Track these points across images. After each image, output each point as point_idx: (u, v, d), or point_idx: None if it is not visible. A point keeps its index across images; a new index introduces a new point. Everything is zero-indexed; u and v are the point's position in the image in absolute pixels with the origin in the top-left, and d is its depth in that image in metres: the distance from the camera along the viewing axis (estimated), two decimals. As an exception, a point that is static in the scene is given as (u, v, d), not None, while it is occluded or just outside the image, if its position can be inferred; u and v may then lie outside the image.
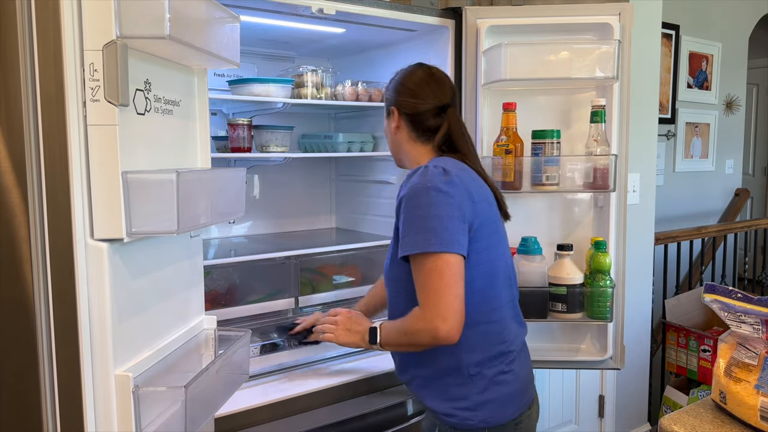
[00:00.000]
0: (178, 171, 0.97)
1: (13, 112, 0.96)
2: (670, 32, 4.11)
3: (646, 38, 2.53)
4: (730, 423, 1.18)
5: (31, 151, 0.96)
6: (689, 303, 2.93)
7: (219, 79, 2.06)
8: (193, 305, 1.28)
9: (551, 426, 2.50)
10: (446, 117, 1.42)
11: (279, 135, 1.97)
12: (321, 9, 1.68)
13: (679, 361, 2.80)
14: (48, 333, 0.98)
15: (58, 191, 0.96)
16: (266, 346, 1.89)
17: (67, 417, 0.99)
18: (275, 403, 1.65)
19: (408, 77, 1.44)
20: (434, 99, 1.42)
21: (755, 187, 5.78)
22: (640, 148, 2.54)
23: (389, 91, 1.47)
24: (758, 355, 1.15)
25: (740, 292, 1.18)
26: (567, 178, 1.82)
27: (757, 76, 5.76)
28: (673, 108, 4.26)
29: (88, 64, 0.95)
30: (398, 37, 2.07)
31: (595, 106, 1.80)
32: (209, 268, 1.80)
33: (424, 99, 1.41)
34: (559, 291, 1.80)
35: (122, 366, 1.01)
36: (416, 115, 1.42)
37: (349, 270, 2.18)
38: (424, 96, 1.41)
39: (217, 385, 1.18)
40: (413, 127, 1.43)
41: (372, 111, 2.31)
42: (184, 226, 1.00)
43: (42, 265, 0.97)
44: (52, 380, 0.99)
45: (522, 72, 1.79)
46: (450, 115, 1.43)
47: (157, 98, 1.09)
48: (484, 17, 1.88)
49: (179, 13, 0.98)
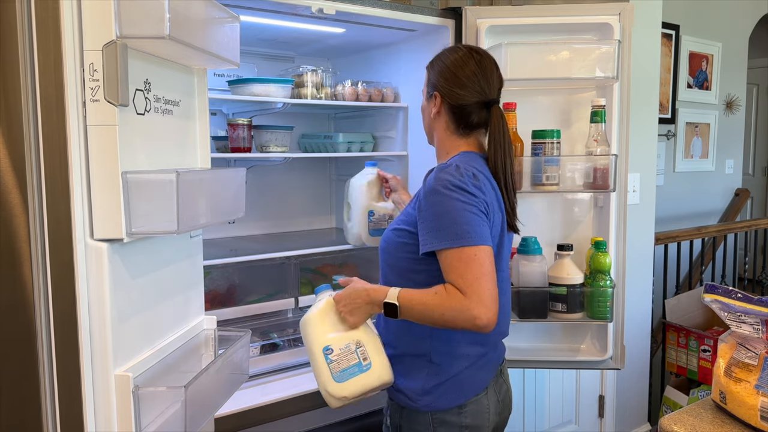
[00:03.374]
0: (178, 171, 0.97)
1: (13, 113, 0.96)
2: (670, 32, 4.11)
3: (646, 38, 2.53)
4: (730, 423, 1.18)
5: (31, 152, 0.96)
6: (689, 303, 2.93)
7: (219, 79, 2.06)
8: (192, 305, 1.28)
9: (551, 426, 2.50)
10: (490, 115, 1.37)
11: (279, 135, 1.97)
12: (321, 9, 1.68)
13: (679, 361, 2.80)
14: (48, 333, 0.98)
15: (58, 191, 0.96)
16: (266, 346, 1.89)
17: (67, 417, 0.99)
18: (275, 403, 1.65)
19: (459, 66, 1.36)
20: (481, 94, 1.36)
21: (755, 187, 5.78)
22: (640, 148, 2.54)
23: (434, 72, 1.39)
24: (758, 355, 1.15)
25: (740, 292, 1.18)
26: (567, 178, 1.82)
27: (757, 76, 5.76)
28: (673, 108, 4.26)
29: (88, 64, 0.95)
30: (398, 37, 2.07)
31: (595, 106, 1.80)
32: (209, 268, 1.80)
33: (471, 93, 1.35)
34: (559, 291, 1.80)
35: (122, 366, 1.01)
36: (460, 108, 1.37)
37: (348, 270, 2.18)
38: (472, 90, 1.36)
39: (217, 385, 1.18)
40: (453, 118, 1.38)
41: (372, 111, 2.31)
42: (184, 226, 1.00)
43: (42, 265, 0.97)
44: (52, 380, 0.99)
45: (522, 72, 1.79)
46: (494, 114, 1.37)
47: (157, 98, 1.09)
48: (484, 17, 1.88)
49: (179, 13, 0.98)
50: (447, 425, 1.33)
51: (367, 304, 1.33)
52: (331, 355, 1.31)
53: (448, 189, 1.23)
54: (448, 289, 1.21)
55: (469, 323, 1.19)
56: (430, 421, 1.33)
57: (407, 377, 1.36)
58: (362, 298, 1.33)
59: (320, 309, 1.37)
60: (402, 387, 1.36)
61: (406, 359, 1.37)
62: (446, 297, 1.21)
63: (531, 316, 1.84)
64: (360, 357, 1.31)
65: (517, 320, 1.87)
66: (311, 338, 1.34)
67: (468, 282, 1.19)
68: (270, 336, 1.92)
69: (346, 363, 1.30)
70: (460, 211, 1.22)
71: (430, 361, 1.34)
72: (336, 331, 1.34)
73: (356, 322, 1.35)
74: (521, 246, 1.81)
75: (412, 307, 1.25)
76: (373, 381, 1.32)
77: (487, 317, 1.18)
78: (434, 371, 1.34)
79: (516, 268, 1.81)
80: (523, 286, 1.81)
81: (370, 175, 1.97)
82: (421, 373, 1.34)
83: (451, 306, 1.20)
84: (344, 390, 1.30)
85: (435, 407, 1.33)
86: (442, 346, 1.34)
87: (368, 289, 1.33)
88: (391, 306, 1.27)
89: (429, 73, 1.43)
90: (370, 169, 1.99)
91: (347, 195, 2.04)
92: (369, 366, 1.31)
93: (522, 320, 1.87)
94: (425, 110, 1.46)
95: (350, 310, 1.34)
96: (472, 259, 1.20)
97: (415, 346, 1.36)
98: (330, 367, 1.30)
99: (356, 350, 1.32)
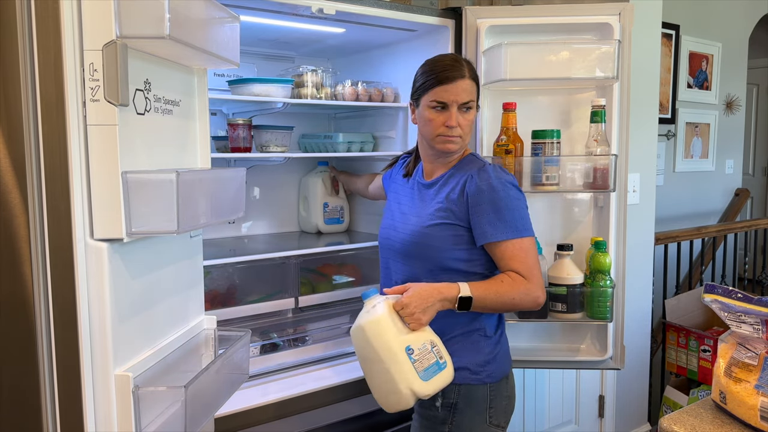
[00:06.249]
0: (178, 171, 0.97)
1: (13, 113, 0.96)
2: (670, 32, 4.11)
3: (646, 38, 2.53)
4: (730, 423, 1.18)
5: (31, 151, 0.96)
6: (689, 303, 2.92)
7: (219, 79, 2.06)
8: (192, 305, 1.28)
9: (551, 426, 2.50)
10: None
11: (279, 135, 1.97)
12: (321, 9, 1.68)
13: (679, 361, 2.80)
14: (48, 333, 0.98)
15: (58, 191, 0.96)
16: (266, 346, 1.89)
17: (67, 417, 0.99)
18: (275, 403, 1.65)
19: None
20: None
21: (755, 187, 5.78)
22: (640, 148, 2.54)
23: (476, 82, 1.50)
24: (758, 355, 1.15)
25: (740, 292, 1.18)
26: (567, 178, 1.82)
27: (757, 76, 5.75)
28: (673, 108, 4.26)
29: (88, 64, 0.95)
30: (398, 37, 2.07)
31: (595, 106, 1.80)
32: (209, 268, 1.80)
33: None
34: (559, 291, 1.80)
35: (122, 366, 1.01)
36: None
37: (349, 270, 2.18)
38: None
39: (217, 385, 1.18)
40: None
41: (372, 111, 2.30)
42: (184, 226, 1.00)
43: (42, 265, 0.97)
44: (52, 380, 0.99)
45: (522, 72, 1.79)
46: None
47: (157, 98, 1.09)
48: (484, 17, 1.88)
49: (179, 13, 0.98)
50: (499, 397, 1.49)
51: (440, 302, 1.38)
52: (413, 354, 1.35)
53: (506, 187, 1.42)
54: (512, 276, 1.40)
55: (534, 303, 1.40)
56: (488, 394, 1.47)
57: (467, 353, 1.47)
58: (435, 297, 1.38)
59: (385, 312, 1.37)
60: (465, 363, 1.46)
61: (459, 339, 1.48)
62: (514, 283, 1.39)
63: (531, 316, 1.84)
64: (437, 356, 1.38)
65: (517, 320, 1.87)
66: (386, 338, 1.35)
67: (529, 267, 1.40)
68: (270, 336, 1.92)
69: (428, 362, 1.37)
70: (518, 207, 1.43)
71: (485, 334, 1.50)
72: (407, 333, 1.37)
73: (428, 321, 1.39)
74: (521, 246, 1.81)
75: (486, 297, 1.38)
76: (449, 377, 1.40)
77: (543, 297, 1.42)
78: (490, 342, 1.50)
79: (516, 268, 1.81)
80: (523, 286, 1.81)
81: (323, 173, 2.33)
82: (479, 345, 1.48)
83: (520, 290, 1.39)
84: (429, 387, 1.36)
85: (494, 377, 1.48)
86: (491, 319, 1.51)
87: (439, 288, 1.40)
88: (466, 300, 1.37)
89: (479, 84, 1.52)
90: (323, 167, 2.35)
91: (304, 190, 2.37)
92: (445, 364, 1.39)
93: (522, 320, 1.87)
94: (473, 121, 1.52)
95: (423, 309, 1.37)
96: (529, 250, 1.42)
97: (469, 325, 1.48)
98: (414, 366, 1.35)
99: (432, 349, 1.38)
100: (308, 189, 2.33)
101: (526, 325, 1.98)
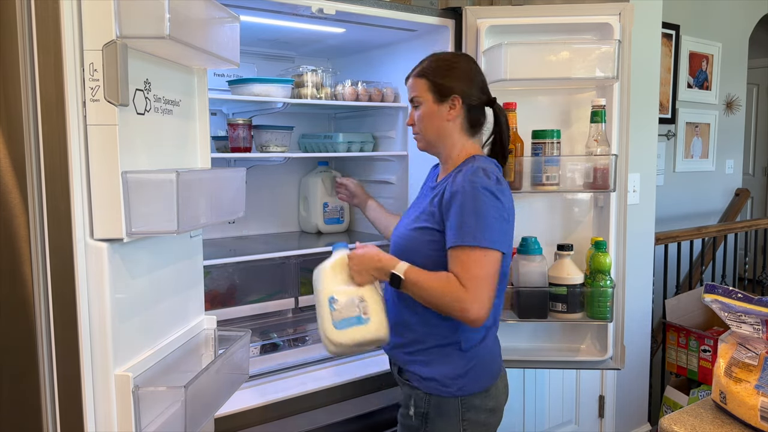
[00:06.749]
0: (178, 171, 0.97)
1: (13, 113, 0.96)
2: (670, 32, 4.11)
3: (646, 38, 2.53)
4: (731, 423, 1.18)
5: (31, 151, 0.96)
6: (689, 303, 2.92)
7: (219, 79, 2.06)
8: (192, 305, 1.28)
9: (551, 426, 2.50)
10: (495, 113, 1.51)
11: (279, 135, 1.97)
12: (321, 9, 1.68)
13: (679, 361, 2.80)
14: (48, 333, 0.98)
15: (58, 191, 0.96)
16: (266, 346, 1.89)
17: (67, 417, 0.99)
18: (275, 403, 1.65)
19: (473, 68, 1.48)
20: (487, 95, 1.50)
21: (755, 187, 5.78)
22: (640, 148, 2.54)
23: (448, 78, 1.44)
24: (758, 355, 1.15)
25: (740, 292, 1.18)
26: (567, 178, 1.82)
27: (757, 76, 5.75)
28: (673, 108, 4.26)
29: (88, 64, 0.95)
30: (398, 37, 2.07)
31: (595, 106, 1.80)
32: (209, 268, 1.80)
33: (484, 93, 1.49)
34: (560, 291, 1.80)
35: (122, 366, 1.01)
36: (475, 108, 1.47)
37: (349, 270, 2.18)
38: (485, 90, 1.49)
39: (217, 385, 1.18)
40: (469, 119, 1.47)
41: (372, 111, 2.31)
42: (184, 226, 1.00)
43: (42, 265, 0.97)
44: (52, 380, 0.99)
45: (522, 72, 1.79)
46: (499, 112, 1.51)
47: (157, 98, 1.09)
48: (484, 17, 1.88)
49: (179, 13, 0.98)
50: (474, 409, 1.42)
51: (376, 269, 1.41)
52: (335, 304, 1.40)
53: (478, 192, 1.33)
54: (450, 278, 1.32)
55: (461, 314, 1.31)
56: (459, 407, 1.41)
57: (439, 364, 1.43)
58: (373, 262, 1.41)
59: (333, 263, 1.45)
60: (434, 374, 1.43)
61: (435, 350, 1.44)
62: (447, 285, 1.32)
63: (531, 316, 1.84)
64: (360, 311, 1.40)
65: (516, 320, 1.87)
66: (320, 287, 1.43)
67: (470, 277, 1.30)
68: (270, 336, 1.92)
69: (347, 314, 1.39)
70: (486, 215, 1.33)
71: (460, 348, 1.43)
72: (344, 285, 1.43)
73: (362, 282, 1.43)
74: (521, 246, 1.81)
75: (415, 284, 1.35)
76: (368, 334, 1.40)
77: (476, 315, 1.30)
78: (465, 356, 1.43)
79: (516, 268, 1.81)
80: (523, 286, 1.81)
81: (323, 173, 2.33)
82: (451, 358, 1.43)
83: (450, 295, 1.31)
84: (341, 337, 1.39)
85: (466, 391, 1.42)
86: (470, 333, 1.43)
87: (381, 257, 1.42)
88: (396, 278, 1.37)
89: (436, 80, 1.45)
90: (323, 167, 2.36)
91: (304, 190, 2.38)
92: (368, 320, 1.40)
93: (522, 320, 1.86)
94: (436, 117, 1.46)
95: (359, 270, 1.42)
96: (480, 261, 1.31)
97: (445, 338, 1.44)
98: (332, 315, 1.39)
99: (359, 304, 1.40)
100: (308, 189, 2.34)
101: (526, 325, 1.98)
